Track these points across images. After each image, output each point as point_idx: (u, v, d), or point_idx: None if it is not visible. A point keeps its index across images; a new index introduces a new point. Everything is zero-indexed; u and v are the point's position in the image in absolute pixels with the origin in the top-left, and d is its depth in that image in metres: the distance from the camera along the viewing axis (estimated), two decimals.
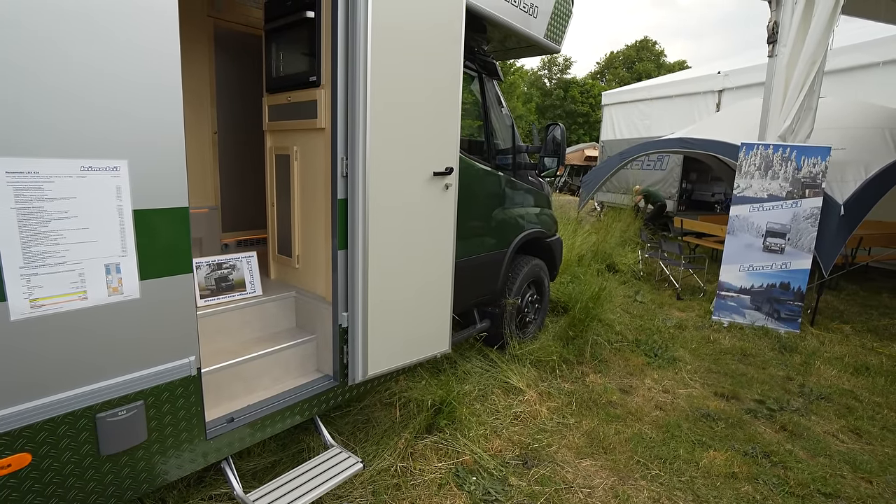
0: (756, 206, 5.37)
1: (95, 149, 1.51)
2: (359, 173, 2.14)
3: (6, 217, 1.39)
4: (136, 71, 1.55)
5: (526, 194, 3.83)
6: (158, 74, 1.60)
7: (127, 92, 1.55)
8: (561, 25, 3.73)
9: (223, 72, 3.27)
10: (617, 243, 7.92)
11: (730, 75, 10.85)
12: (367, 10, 2.04)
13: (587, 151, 19.87)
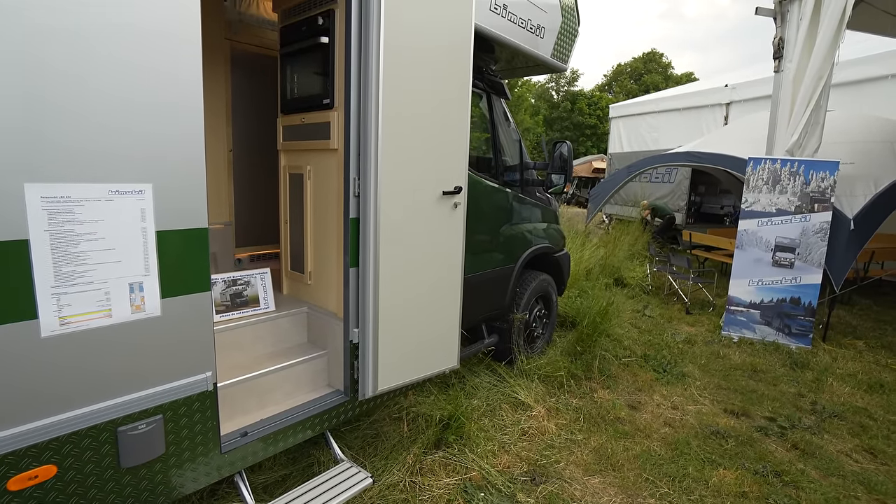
0: (764, 221, 5.37)
1: (123, 173, 1.59)
2: (370, 193, 2.21)
3: (40, 239, 1.46)
4: (161, 99, 1.64)
5: (533, 210, 3.88)
6: (182, 102, 1.68)
7: (152, 119, 1.63)
8: (567, 44, 3.81)
9: (239, 91, 3.38)
10: (625, 257, 7.92)
11: (737, 88, 10.89)
12: (379, 37, 2.13)
13: (595, 163, 19.93)
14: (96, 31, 1.48)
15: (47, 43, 1.40)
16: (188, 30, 1.67)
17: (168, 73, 1.64)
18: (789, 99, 5.59)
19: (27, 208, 1.43)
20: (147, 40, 1.59)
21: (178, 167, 1.70)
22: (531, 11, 3.31)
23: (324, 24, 2.38)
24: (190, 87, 1.70)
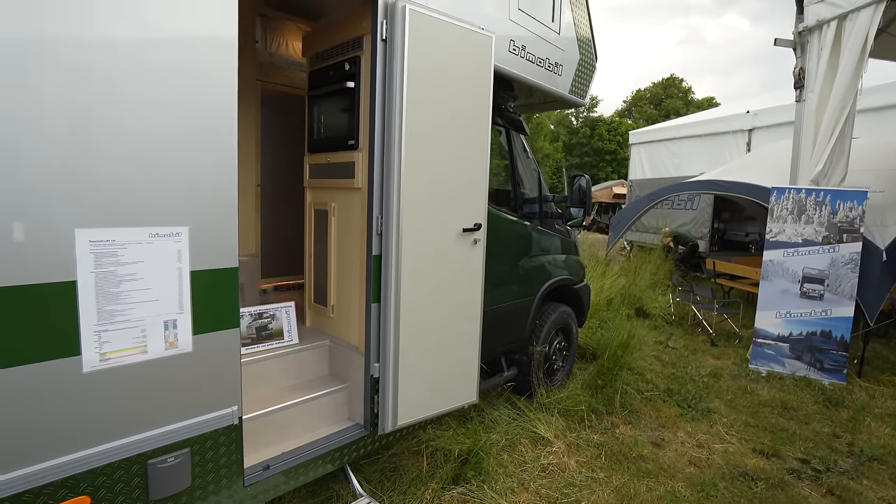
0: (790, 251, 5.26)
1: (163, 217, 1.70)
2: (392, 231, 2.28)
3: (87, 280, 1.57)
4: (200, 150, 1.76)
5: (553, 241, 3.91)
6: (219, 157, 1.80)
7: (192, 169, 1.74)
8: (585, 80, 3.90)
9: (267, 129, 3.55)
10: (647, 286, 7.81)
11: (759, 114, 10.79)
12: (402, 82, 2.24)
13: (615, 189, 19.85)
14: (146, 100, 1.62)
15: (100, 95, 1.53)
16: (226, 100, 1.80)
17: (207, 126, 1.77)
18: (812, 128, 5.54)
19: (76, 252, 1.54)
20: (191, 106, 1.72)
21: (213, 211, 1.81)
22: (549, 50, 3.41)
23: (350, 69, 2.51)
24: (226, 144, 1.82)
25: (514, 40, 3.05)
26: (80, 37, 1.48)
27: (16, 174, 1.40)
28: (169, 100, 1.67)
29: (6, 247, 1.40)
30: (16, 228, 1.42)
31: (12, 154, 1.39)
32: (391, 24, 2.23)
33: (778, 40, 6.06)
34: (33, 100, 1.42)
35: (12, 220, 1.41)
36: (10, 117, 1.38)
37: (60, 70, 1.45)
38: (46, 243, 1.48)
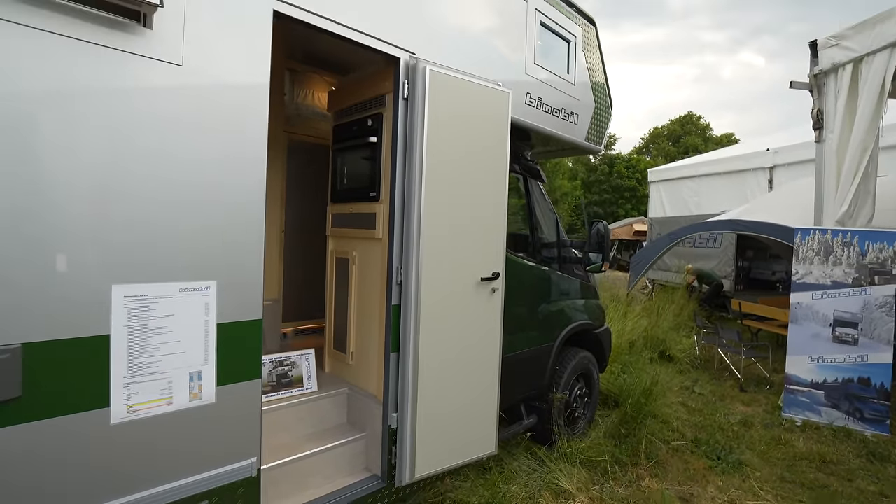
0: (819, 294, 5.11)
1: (193, 272, 1.78)
2: (412, 282, 2.32)
3: (120, 334, 1.64)
4: (230, 212, 1.85)
5: (572, 286, 3.90)
6: (247, 210, 1.90)
7: (221, 226, 1.83)
8: (601, 127, 3.98)
9: (293, 177, 3.70)
10: (670, 327, 7.63)
11: (779, 152, 10.72)
12: (422, 138, 2.33)
13: (636, 226, 19.71)
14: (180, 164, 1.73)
15: (138, 158, 1.64)
16: (255, 170, 1.92)
17: (239, 195, 1.87)
18: (834, 169, 5.48)
19: (112, 307, 1.61)
20: (222, 174, 1.83)
21: (240, 266, 1.89)
22: (565, 100, 3.52)
23: (373, 125, 2.63)
24: (255, 206, 1.92)
25: (530, 93, 3.17)
26: (113, 101, 1.60)
27: (59, 233, 1.50)
28: (201, 167, 1.77)
29: (47, 302, 1.48)
30: (57, 285, 1.50)
31: (56, 212, 1.49)
32: (412, 85, 2.35)
33: (793, 83, 6.10)
34: (74, 162, 1.52)
35: (54, 276, 1.50)
36: (53, 179, 1.49)
37: (99, 134, 1.57)
38: (84, 299, 1.56)
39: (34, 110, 1.46)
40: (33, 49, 1.44)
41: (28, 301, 1.45)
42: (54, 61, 1.47)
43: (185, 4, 1.70)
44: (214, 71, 1.78)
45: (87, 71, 1.53)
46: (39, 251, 1.47)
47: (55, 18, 1.47)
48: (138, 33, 1.62)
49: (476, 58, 2.78)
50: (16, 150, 1.43)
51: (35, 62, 1.44)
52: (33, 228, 1.46)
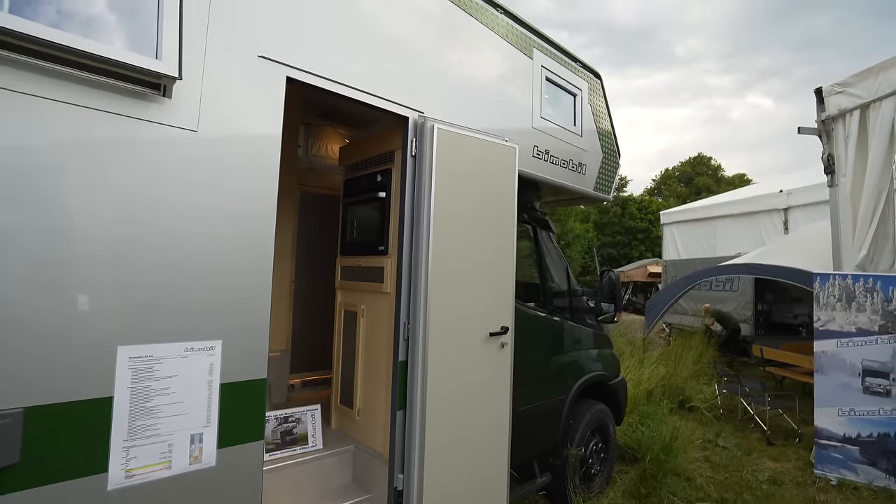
0: (844, 342, 4.92)
1: (199, 332, 1.78)
2: (419, 337, 2.29)
3: (122, 396, 1.62)
4: (239, 269, 1.87)
5: (584, 336, 3.81)
6: (255, 270, 1.91)
7: (229, 284, 1.84)
8: (609, 177, 4.01)
9: (304, 228, 3.76)
10: (689, 375, 7.37)
11: (793, 193, 10.65)
12: (430, 194, 2.37)
13: (650, 268, 19.48)
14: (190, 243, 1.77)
15: (147, 224, 1.68)
16: (264, 245, 1.94)
17: (246, 256, 1.89)
18: (849, 213, 5.40)
19: (116, 368, 1.61)
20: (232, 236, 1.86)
21: (246, 325, 1.88)
22: (572, 152, 3.57)
23: (382, 181, 2.68)
24: (262, 270, 1.93)
25: (537, 146, 3.22)
26: (131, 167, 1.66)
27: (68, 294, 1.52)
28: (212, 230, 1.81)
29: (52, 365, 1.48)
30: (63, 347, 1.51)
31: (62, 273, 1.51)
32: (420, 142, 2.41)
33: (802, 129, 6.13)
34: (88, 226, 1.56)
35: (61, 338, 1.50)
36: (66, 242, 1.52)
37: (113, 198, 1.61)
38: (90, 360, 1.55)
39: (58, 177, 1.51)
40: (64, 121, 1.52)
41: (33, 364, 1.46)
42: (81, 131, 1.55)
43: (203, 75, 1.79)
44: (228, 135, 1.84)
45: (109, 139, 1.60)
46: (47, 313, 1.49)
47: (86, 93, 1.55)
48: (158, 102, 1.70)
49: (483, 113, 2.86)
50: (30, 215, 1.48)
51: (67, 134, 1.52)
52: (42, 291, 1.48)
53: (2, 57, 1.42)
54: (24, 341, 1.44)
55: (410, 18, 2.51)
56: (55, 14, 1.49)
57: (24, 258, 1.45)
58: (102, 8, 1.58)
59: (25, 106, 1.46)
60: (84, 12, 1.55)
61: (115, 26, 1.59)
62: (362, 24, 2.29)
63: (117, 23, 1.60)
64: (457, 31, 2.76)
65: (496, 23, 3.00)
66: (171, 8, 1.68)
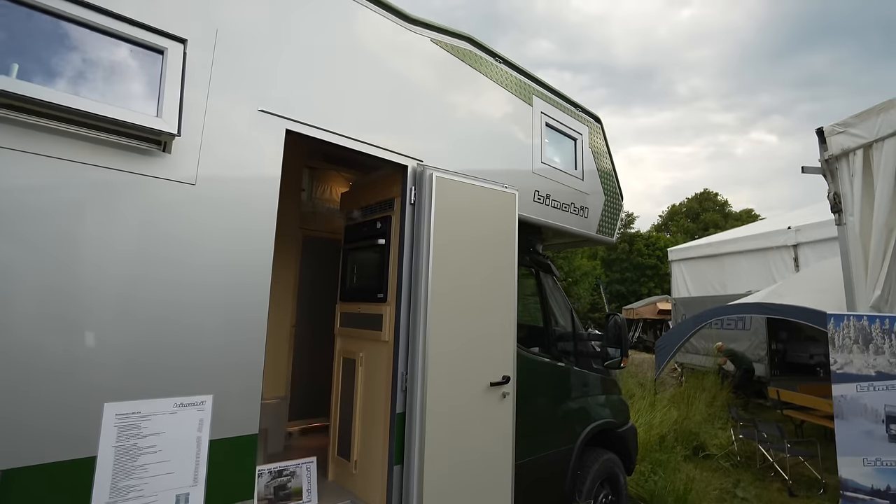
0: (864, 386, 4.71)
1: (189, 387, 1.74)
2: (417, 388, 2.23)
3: (106, 455, 1.57)
4: (232, 322, 1.84)
5: (590, 382, 3.70)
6: (249, 326, 1.89)
7: (222, 338, 1.82)
8: (612, 219, 4.00)
9: (306, 273, 3.75)
10: (703, 418, 7.10)
11: (802, 230, 10.56)
12: (428, 242, 2.36)
13: (660, 305, 19.21)
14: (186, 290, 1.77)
15: (142, 278, 1.68)
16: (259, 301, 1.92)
17: (240, 311, 1.87)
18: (860, 251, 5.32)
19: (102, 426, 1.56)
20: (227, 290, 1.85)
21: (239, 379, 1.84)
22: (574, 196, 3.58)
23: (381, 228, 2.69)
24: (256, 323, 1.90)
25: (538, 190, 3.24)
26: (129, 225, 1.67)
27: (53, 347, 1.49)
28: (204, 284, 1.80)
29: (35, 424, 1.44)
30: (48, 405, 1.47)
31: (51, 327, 1.50)
32: (419, 190, 2.43)
33: (805, 168, 6.11)
34: (84, 281, 1.56)
35: (46, 395, 1.47)
36: (49, 293, 1.51)
37: (102, 252, 1.61)
38: (75, 419, 1.52)
39: (54, 233, 1.52)
40: (66, 177, 1.54)
41: (15, 423, 1.42)
42: (81, 188, 1.57)
43: (203, 130, 1.83)
44: (225, 188, 1.86)
45: (108, 194, 1.62)
46: (35, 369, 1.46)
47: (91, 151, 1.59)
48: (158, 157, 1.73)
49: (483, 160, 2.89)
50: (26, 270, 1.48)
51: (64, 191, 1.54)
52: (30, 346, 1.46)
53: (16, 120, 1.47)
54: (5, 399, 1.41)
55: (408, 70, 2.58)
56: (56, 74, 1.54)
57: (17, 312, 1.45)
58: (107, 69, 1.63)
59: (30, 165, 1.49)
60: (89, 73, 1.60)
61: (118, 86, 1.65)
62: (360, 76, 2.36)
63: (121, 83, 1.65)
64: (456, 81, 2.83)
65: (495, 72, 3.08)
66: (174, 69, 1.73)
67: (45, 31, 1.53)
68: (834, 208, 5.78)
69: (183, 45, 1.79)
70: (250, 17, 2.00)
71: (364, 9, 2.41)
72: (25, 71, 1.47)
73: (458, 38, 2.87)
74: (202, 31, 1.85)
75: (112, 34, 1.65)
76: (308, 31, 2.18)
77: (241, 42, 1.96)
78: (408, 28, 2.60)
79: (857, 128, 5.40)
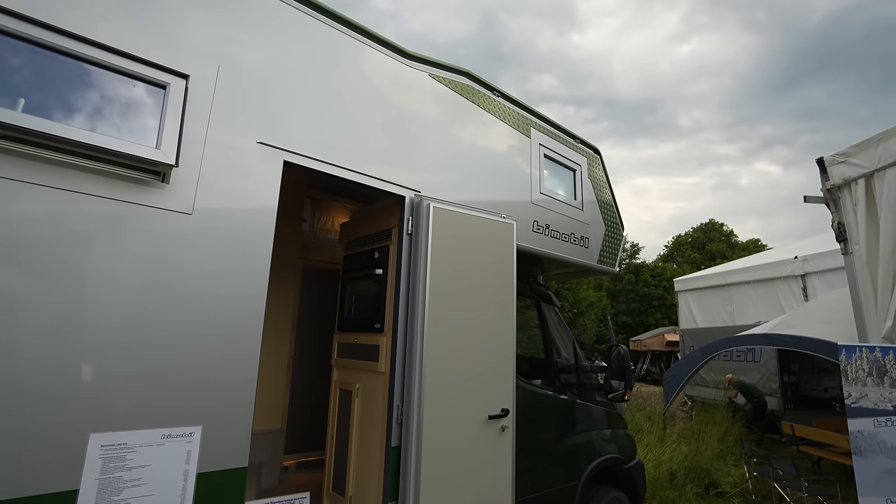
0: (882, 420, 4.56)
1: (177, 417, 1.71)
2: (413, 421, 2.18)
3: (89, 488, 1.53)
4: (223, 354, 1.82)
5: (594, 415, 3.60)
6: (241, 355, 1.87)
7: (213, 369, 1.79)
8: (613, 249, 3.99)
9: (305, 303, 3.73)
10: (715, 454, 6.86)
11: (810, 259, 10.48)
12: (425, 272, 2.36)
13: (668, 336, 18.89)
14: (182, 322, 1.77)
15: (133, 305, 1.68)
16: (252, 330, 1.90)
17: (232, 343, 1.86)
18: (868, 281, 5.25)
19: (86, 458, 1.53)
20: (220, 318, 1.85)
21: (229, 409, 1.81)
22: (574, 226, 3.58)
23: (379, 258, 2.69)
24: (249, 353, 1.89)
25: (537, 220, 3.25)
26: (125, 254, 1.68)
27: (42, 376, 1.48)
28: (197, 313, 1.80)
29: (14, 457, 1.41)
30: (28, 436, 1.44)
31: (40, 357, 1.49)
32: (416, 221, 2.44)
33: (808, 197, 6.12)
34: (68, 308, 1.56)
35: (30, 425, 1.44)
36: (41, 321, 1.51)
37: (98, 281, 1.62)
38: (57, 449, 1.48)
39: (51, 263, 1.53)
40: (61, 207, 1.57)
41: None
42: (79, 217, 1.59)
43: (202, 161, 1.86)
44: (221, 218, 1.88)
45: (106, 224, 1.64)
46: (20, 397, 1.45)
47: (93, 182, 1.62)
48: (157, 187, 1.76)
49: (482, 190, 2.91)
50: (20, 300, 1.48)
51: (64, 220, 1.57)
52: (16, 375, 1.45)
53: (21, 152, 1.51)
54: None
55: (406, 104, 2.64)
56: (59, 108, 1.59)
57: (11, 340, 1.44)
58: (110, 103, 1.69)
59: (34, 196, 1.52)
60: (92, 106, 1.65)
61: (120, 119, 1.69)
62: (359, 109, 2.42)
63: (123, 116, 1.70)
64: (454, 114, 2.89)
65: (493, 105, 3.14)
66: (175, 103, 1.78)
67: (53, 68, 1.59)
68: (839, 237, 5.74)
69: (185, 81, 1.84)
70: (252, 54, 2.07)
71: (363, 45, 2.49)
72: (31, 105, 1.52)
73: (455, 72, 2.95)
74: (204, 67, 1.92)
75: (118, 70, 1.70)
76: (307, 66, 2.25)
77: (242, 77, 2.03)
78: (406, 63, 2.67)
79: (858, 157, 5.42)
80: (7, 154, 1.50)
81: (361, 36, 2.48)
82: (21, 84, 1.53)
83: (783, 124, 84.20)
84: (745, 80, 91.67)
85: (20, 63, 1.54)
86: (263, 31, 2.13)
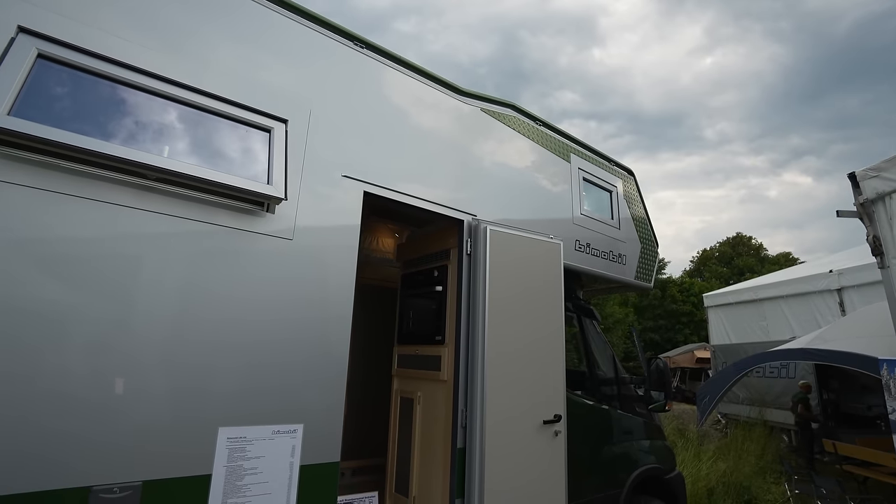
0: None
1: (285, 416, 1.98)
2: (476, 424, 2.41)
3: (220, 474, 1.81)
4: (321, 357, 2.12)
5: (635, 426, 3.74)
6: (334, 360, 2.17)
7: (312, 372, 2.08)
8: (649, 265, 4.18)
9: (358, 318, 3.99)
10: (753, 471, 6.80)
11: (845, 273, 10.29)
12: (484, 289, 2.60)
13: (697, 353, 18.55)
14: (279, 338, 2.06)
15: (249, 320, 1.97)
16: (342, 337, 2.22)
17: (327, 346, 2.16)
18: None
19: (216, 448, 1.81)
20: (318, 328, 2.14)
21: (325, 410, 2.08)
22: (612, 245, 3.80)
23: (438, 276, 2.96)
24: (339, 363, 2.19)
25: (579, 240, 3.48)
26: (238, 271, 1.99)
27: (180, 374, 1.77)
28: (303, 323, 2.09)
29: (166, 443, 1.70)
30: (176, 427, 1.73)
31: (179, 358, 1.79)
32: (475, 242, 2.70)
33: (840, 212, 6.13)
34: (201, 323, 1.86)
35: (175, 419, 1.74)
36: (180, 330, 1.81)
37: (219, 298, 1.92)
38: (197, 440, 1.77)
39: (182, 279, 1.85)
40: (190, 236, 1.88)
41: (151, 441, 1.68)
42: (201, 244, 1.91)
43: (299, 193, 2.17)
44: (317, 241, 2.19)
45: (223, 248, 1.95)
46: (164, 392, 1.74)
47: (212, 212, 1.94)
48: (263, 217, 2.07)
49: (530, 213, 3.17)
50: (158, 311, 1.79)
51: (193, 250, 1.88)
52: (162, 373, 1.75)
53: (163, 191, 1.84)
54: (148, 422, 1.68)
55: (461, 135, 2.94)
56: (190, 152, 1.92)
57: (154, 348, 1.75)
58: (228, 146, 2.02)
59: (164, 225, 1.84)
60: (213, 150, 1.98)
61: (237, 160, 2.02)
62: (423, 143, 2.72)
63: (238, 158, 2.03)
64: (501, 142, 3.17)
65: (537, 134, 3.42)
66: (279, 144, 2.11)
67: (186, 117, 1.93)
68: (875, 251, 5.74)
69: (285, 125, 2.17)
70: (335, 99, 2.40)
71: (425, 86, 2.80)
72: (176, 150, 1.86)
73: (502, 105, 3.24)
74: (300, 113, 2.24)
75: (232, 118, 2.04)
76: (381, 106, 2.58)
77: (329, 119, 2.35)
78: (461, 100, 2.98)
79: (890, 172, 5.46)
80: (155, 192, 1.83)
81: (424, 78, 2.80)
82: (163, 134, 1.87)
83: (812, 134, 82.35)
84: (772, 91, 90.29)
85: (161, 119, 1.88)
86: (345, 78, 2.46)
